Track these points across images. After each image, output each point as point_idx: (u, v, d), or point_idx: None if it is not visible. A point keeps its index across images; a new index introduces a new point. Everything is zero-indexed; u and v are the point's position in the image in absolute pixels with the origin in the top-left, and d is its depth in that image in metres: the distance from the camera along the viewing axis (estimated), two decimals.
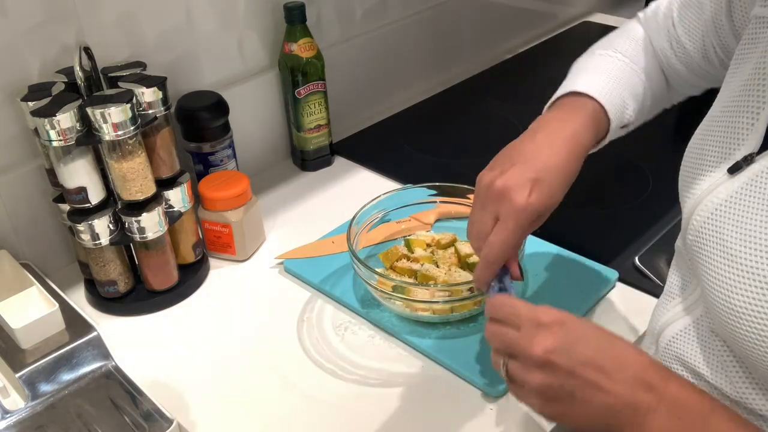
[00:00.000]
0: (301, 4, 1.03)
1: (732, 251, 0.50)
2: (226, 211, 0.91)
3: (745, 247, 0.49)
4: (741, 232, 0.50)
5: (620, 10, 1.80)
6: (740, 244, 0.49)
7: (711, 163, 0.55)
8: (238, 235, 0.92)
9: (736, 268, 0.49)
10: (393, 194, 0.92)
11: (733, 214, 0.51)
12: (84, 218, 0.80)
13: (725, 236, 0.51)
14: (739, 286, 0.49)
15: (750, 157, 0.52)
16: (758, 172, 0.50)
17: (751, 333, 0.48)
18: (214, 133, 0.98)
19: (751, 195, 0.50)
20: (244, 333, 0.83)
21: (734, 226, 0.50)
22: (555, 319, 0.51)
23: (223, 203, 0.91)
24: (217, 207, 0.91)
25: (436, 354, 0.77)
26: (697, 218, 0.55)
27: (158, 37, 0.95)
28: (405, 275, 0.85)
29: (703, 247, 0.54)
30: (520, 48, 1.58)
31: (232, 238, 0.92)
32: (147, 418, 0.71)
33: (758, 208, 0.49)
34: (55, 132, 0.74)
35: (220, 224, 0.92)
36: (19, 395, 0.74)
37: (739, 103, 0.54)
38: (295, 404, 0.74)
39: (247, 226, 0.93)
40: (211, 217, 0.92)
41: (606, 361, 0.49)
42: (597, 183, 0.85)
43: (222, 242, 0.93)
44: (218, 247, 0.94)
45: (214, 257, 0.95)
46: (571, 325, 0.51)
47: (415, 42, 1.34)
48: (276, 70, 1.10)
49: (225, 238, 0.93)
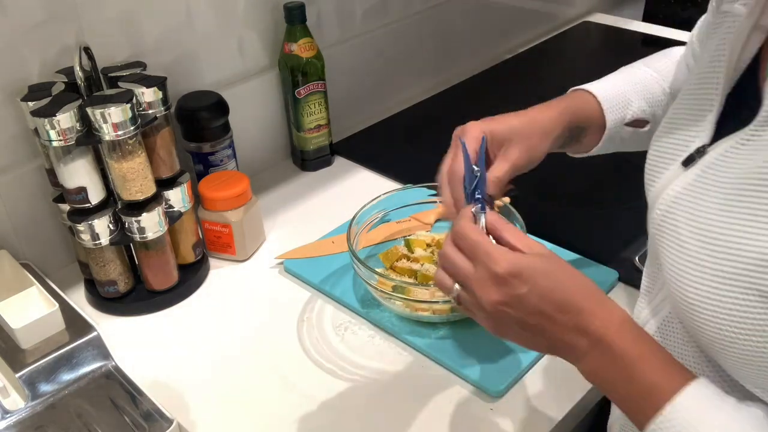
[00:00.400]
0: (301, 4, 1.03)
1: (685, 244, 0.51)
2: (226, 211, 0.91)
3: (696, 240, 0.50)
4: (692, 225, 0.51)
5: (620, 10, 1.80)
6: (692, 237, 0.50)
7: (669, 156, 0.57)
8: (238, 235, 0.92)
9: (688, 261, 0.50)
10: (393, 194, 0.92)
11: (686, 207, 0.52)
12: (84, 218, 0.80)
13: (679, 229, 0.52)
14: (691, 279, 0.50)
15: (702, 149, 0.53)
16: (709, 163, 0.52)
17: (706, 325, 0.49)
18: (214, 133, 0.98)
19: (701, 187, 0.51)
20: (244, 333, 0.83)
21: (687, 219, 0.52)
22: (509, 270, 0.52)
23: (223, 203, 0.91)
24: (217, 207, 0.91)
25: (436, 354, 0.77)
26: (656, 212, 0.56)
27: (158, 37, 0.95)
28: (405, 275, 0.85)
29: (662, 240, 0.55)
30: (520, 48, 1.58)
31: (232, 238, 0.92)
32: (147, 418, 0.71)
33: (708, 199, 0.50)
34: (55, 132, 0.74)
35: (220, 224, 0.92)
36: (19, 395, 0.74)
37: (695, 97, 0.56)
38: (295, 404, 0.74)
39: (247, 226, 0.93)
40: (211, 217, 0.92)
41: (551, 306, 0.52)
42: (597, 183, 0.85)
43: (222, 242, 0.93)
44: (218, 247, 0.94)
45: (214, 257, 0.95)
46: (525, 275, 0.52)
47: (415, 42, 1.34)
48: (276, 70, 1.10)
49: (225, 238, 0.93)
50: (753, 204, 0.46)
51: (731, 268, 0.46)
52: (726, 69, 0.52)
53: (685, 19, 1.81)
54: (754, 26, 0.51)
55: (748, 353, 0.47)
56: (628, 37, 1.59)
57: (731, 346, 0.48)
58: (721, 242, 0.48)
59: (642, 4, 1.87)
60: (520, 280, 0.51)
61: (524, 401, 0.73)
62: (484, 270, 0.53)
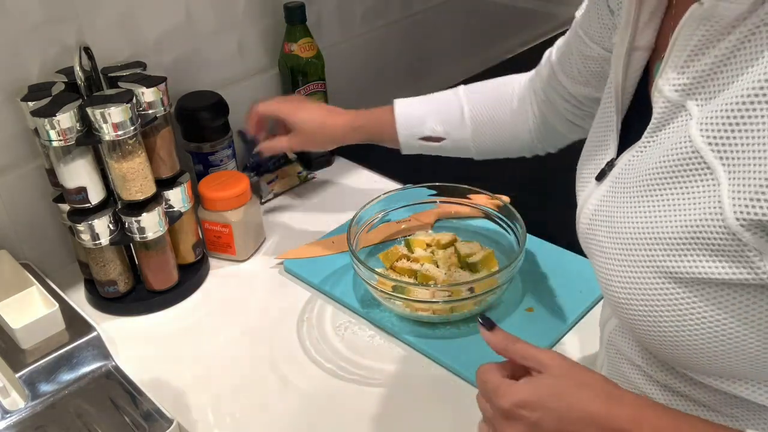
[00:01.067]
0: (301, 4, 1.03)
1: (606, 250, 0.54)
2: (226, 211, 0.91)
3: (614, 243, 0.53)
4: (610, 231, 0.54)
5: None
6: (610, 241, 0.54)
7: (587, 174, 0.62)
8: (238, 235, 0.92)
9: (612, 264, 0.53)
10: (393, 194, 0.92)
11: (603, 217, 0.56)
12: (84, 218, 0.80)
13: (600, 238, 0.56)
14: (617, 279, 0.53)
15: (611, 162, 0.58)
16: (617, 174, 0.56)
17: (637, 321, 0.52)
18: (214, 133, 0.98)
19: (613, 196, 0.55)
20: (243, 333, 0.83)
21: (606, 227, 0.55)
22: (514, 402, 0.51)
23: (223, 203, 0.91)
24: (217, 207, 0.91)
25: (436, 354, 0.77)
26: (581, 226, 0.60)
27: (158, 37, 0.95)
28: (405, 275, 0.85)
29: (589, 251, 0.59)
30: (520, 48, 1.58)
31: (232, 238, 0.92)
32: (147, 418, 0.71)
33: (618, 205, 0.54)
34: (55, 132, 0.74)
35: (220, 224, 0.91)
36: (19, 395, 0.74)
37: (600, 121, 0.61)
38: (295, 404, 0.74)
39: (247, 226, 0.93)
40: (211, 217, 0.92)
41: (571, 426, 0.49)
42: None
43: (222, 242, 0.93)
44: (218, 247, 0.94)
45: (214, 257, 0.95)
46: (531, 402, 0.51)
47: (415, 42, 1.34)
48: (276, 70, 1.10)
49: (225, 238, 0.93)
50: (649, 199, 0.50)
51: (637, 256, 0.51)
52: (615, 92, 0.58)
53: None
54: (630, 48, 0.56)
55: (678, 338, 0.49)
56: None
57: (663, 336, 0.50)
58: (629, 236, 0.52)
59: None
60: (530, 409, 0.50)
61: None
62: (495, 408, 0.52)
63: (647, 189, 0.51)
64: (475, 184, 0.90)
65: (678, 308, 0.48)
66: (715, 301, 0.47)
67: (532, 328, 0.80)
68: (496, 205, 0.90)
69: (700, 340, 0.48)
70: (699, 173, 0.46)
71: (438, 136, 0.87)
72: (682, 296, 0.48)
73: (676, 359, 0.52)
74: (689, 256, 0.47)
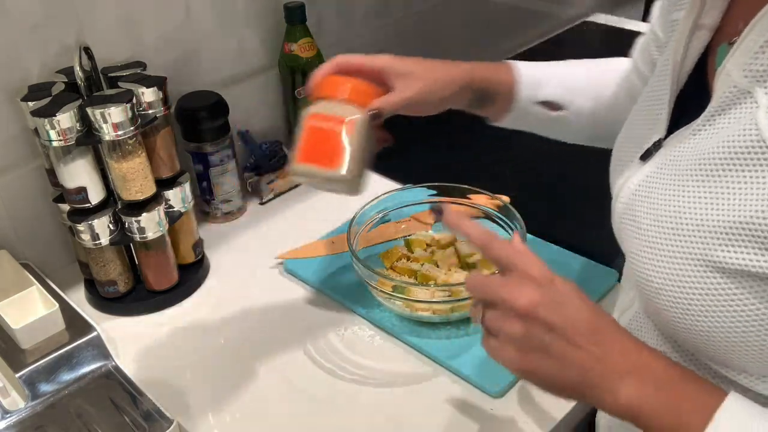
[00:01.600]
0: (301, 4, 1.03)
1: (646, 233, 0.53)
2: (349, 105, 0.68)
3: (655, 227, 0.52)
4: (652, 214, 0.53)
5: (620, 10, 1.80)
6: (651, 225, 0.53)
7: (629, 153, 0.60)
8: (355, 141, 0.68)
9: (650, 248, 0.52)
10: (393, 194, 0.92)
11: (645, 198, 0.55)
12: (84, 218, 0.80)
13: (639, 219, 0.54)
14: (654, 263, 0.52)
15: (658, 142, 0.56)
16: (664, 155, 0.55)
17: (671, 307, 0.51)
18: (214, 133, 0.98)
19: (659, 177, 0.54)
20: (244, 333, 0.83)
21: (646, 209, 0.54)
22: (546, 275, 0.52)
23: (352, 92, 0.69)
24: (338, 95, 0.69)
25: (436, 354, 0.77)
26: (619, 205, 0.59)
27: (158, 37, 0.95)
28: (405, 275, 0.85)
29: (624, 233, 0.57)
30: (520, 48, 1.58)
31: (344, 143, 0.67)
32: (147, 418, 0.71)
33: (665, 188, 0.53)
34: (55, 132, 0.74)
35: (335, 118, 0.68)
36: (19, 395, 0.74)
37: (649, 98, 0.59)
38: (295, 404, 0.74)
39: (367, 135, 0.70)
40: (324, 109, 0.68)
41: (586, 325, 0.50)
42: (597, 183, 0.85)
43: (326, 147, 0.68)
44: (316, 155, 0.68)
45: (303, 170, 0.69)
46: (560, 285, 0.52)
47: (415, 42, 1.34)
48: (276, 70, 1.10)
49: (333, 141, 0.67)
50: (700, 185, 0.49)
51: (680, 241, 0.50)
52: (672, 69, 0.56)
53: None
54: (695, 26, 0.55)
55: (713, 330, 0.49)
56: (628, 37, 1.58)
57: (696, 325, 0.50)
58: (674, 219, 0.50)
59: (642, 4, 1.87)
60: (556, 288, 0.51)
61: (524, 401, 0.73)
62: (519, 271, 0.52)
63: (701, 174, 0.49)
64: (475, 184, 0.90)
65: (717, 299, 0.47)
66: (758, 295, 0.46)
67: None
68: (496, 205, 0.90)
69: (736, 332, 0.48)
70: (763, 163, 0.45)
71: (558, 102, 0.77)
72: (724, 287, 0.47)
73: (703, 349, 0.52)
74: (739, 247, 0.46)
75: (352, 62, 0.72)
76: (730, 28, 0.53)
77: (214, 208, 1.02)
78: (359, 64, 0.72)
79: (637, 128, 0.60)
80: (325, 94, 0.70)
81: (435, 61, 0.75)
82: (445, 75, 0.74)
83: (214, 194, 1.01)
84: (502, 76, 0.77)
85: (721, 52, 0.51)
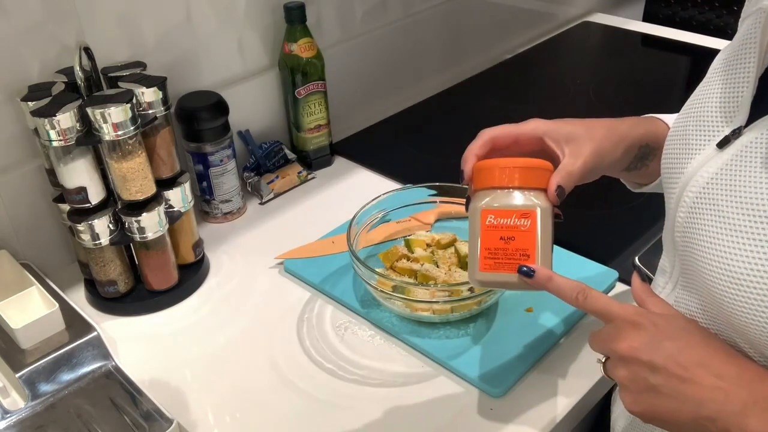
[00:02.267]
0: (301, 4, 1.03)
1: (729, 219, 0.51)
2: (531, 191, 0.59)
3: (741, 214, 0.51)
4: (736, 200, 0.51)
5: (620, 10, 1.80)
6: (737, 212, 0.51)
7: (698, 142, 0.58)
8: (544, 232, 0.59)
9: (734, 236, 0.51)
10: (393, 194, 0.92)
11: (726, 184, 0.53)
12: (84, 218, 0.80)
13: (720, 206, 0.53)
14: (739, 253, 0.50)
15: (738, 130, 0.54)
16: (747, 143, 0.53)
17: (752, 300, 0.49)
18: (214, 133, 0.98)
19: (743, 164, 0.52)
20: (244, 333, 0.83)
21: (729, 195, 0.52)
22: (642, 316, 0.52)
23: (523, 176, 0.59)
24: (507, 182, 0.59)
25: (436, 354, 0.77)
26: (689, 194, 0.57)
27: (158, 37, 0.95)
28: (405, 275, 0.85)
29: (697, 221, 0.55)
30: (520, 48, 1.58)
31: (535, 237, 0.58)
32: (147, 418, 0.71)
33: (751, 175, 0.51)
34: (55, 132, 0.74)
35: (517, 213, 0.58)
36: (19, 395, 0.74)
37: (724, 81, 0.57)
38: (295, 404, 0.74)
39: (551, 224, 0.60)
40: (498, 202, 0.59)
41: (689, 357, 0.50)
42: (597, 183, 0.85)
43: (514, 249, 0.59)
44: (504, 261, 0.59)
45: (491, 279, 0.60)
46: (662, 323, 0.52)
47: (415, 42, 1.34)
48: (276, 70, 1.10)
49: (521, 240, 0.58)
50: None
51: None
52: (759, 52, 0.53)
53: (685, 19, 1.81)
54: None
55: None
56: (628, 37, 1.60)
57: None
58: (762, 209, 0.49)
59: (642, 4, 1.87)
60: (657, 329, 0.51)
61: (524, 401, 0.73)
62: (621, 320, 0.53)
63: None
64: None
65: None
66: None
67: (532, 328, 0.80)
68: None
69: None
70: None
71: None
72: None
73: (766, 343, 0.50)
74: None
75: (505, 135, 0.66)
76: None
77: (214, 208, 1.02)
78: (514, 136, 0.66)
79: (706, 114, 0.57)
80: (489, 184, 0.60)
81: (591, 121, 0.68)
82: (610, 133, 0.67)
83: (214, 194, 1.01)
84: (659, 130, 0.70)
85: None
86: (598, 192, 1.05)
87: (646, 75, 1.42)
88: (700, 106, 0.59)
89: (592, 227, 0.99)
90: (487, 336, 0.79)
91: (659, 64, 1.48)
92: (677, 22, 1.80)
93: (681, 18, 1.81)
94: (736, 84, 0.56)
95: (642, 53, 1.57)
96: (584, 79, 1.42)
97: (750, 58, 0.55)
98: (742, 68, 0.55)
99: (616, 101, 1.34)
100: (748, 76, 0.55)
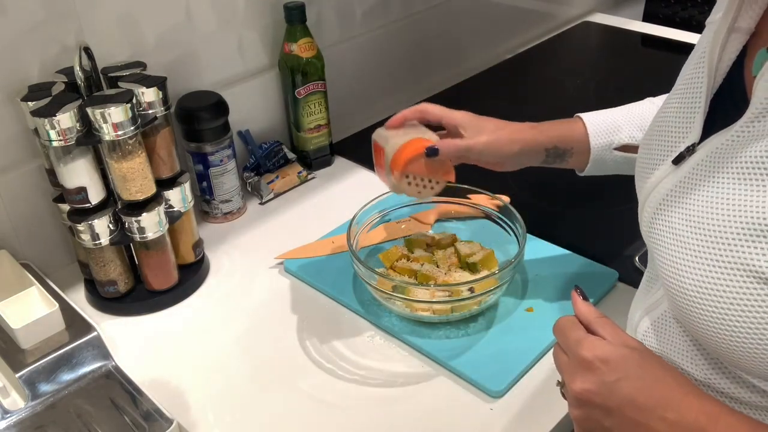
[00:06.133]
0: (301, 4, 1.03)
1: (681, 236, 0.53)
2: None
3: (691, 231, 0.52)
4: (687, 218, 0.53)
5: (620, 10, 1.80)
6: (687, 229, 0.52)
7: (658, 156, 0.59)
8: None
9: (685, 252, 0.52)
10: (393, 194, 0.92)
11: (679, 201, 0.54)
12: (84, 218, 0.80)
13: (674, 223, 0.54)
14: (689, 269, 0.51)
15: (692, 147, 0.55)
16: (699, 160, 0.54)
17: (703, 314, 0.50)
18: (214, 133, 0.98)
19: (694, 182, 0.53)
20: (243, 333, 0.83)
21: (681, 213, 0.53)
22: (598, 355, 0.51)
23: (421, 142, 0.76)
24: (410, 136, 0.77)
25: (436, 354, 0.77)
26: (648, 209, 0.58)
27: (158, 37, 0.95)
28: (405, 275, 0.85)
29: (655, 235, 0.57)
30: (520, 48, 1.58)
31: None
32: (147, 418, 0.71)
33: (701, 193, 0.52)
34: (55, 132, 0.74)
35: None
36: (19, 395, 0.74)
37: (681, 100, 0.58)
38: (295, 404, 0.74)
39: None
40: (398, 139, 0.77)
41: (648, 400, 0.50)
42: (597, 183, 0.85)
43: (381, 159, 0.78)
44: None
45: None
46: (615, 359, 0.51)
47: (415, 42, 1.34)
48: (276, 70, 1.10)
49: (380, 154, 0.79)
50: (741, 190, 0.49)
51: (720, 248, 0.49)
52: (708, 71, 0.55)
53: (685, 18, 1.81)
54: (730, 28, 0.54)
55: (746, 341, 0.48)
56: (628, 37, 1.60)
57: (730, 335, 0.49)
58: (713, 226, 0.50)
59: (642, 4, 1.87)
60: (610, 368, 0.51)
61: (524, 401, 0.73)
62: (574, 356, 0.53)
63: (741, 179, 0.49)
64: (475, 184, 0.90)
65: (758, 309, 0.47)
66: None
67: (532, 328, 0.80)
68: (496, 205, 0.90)
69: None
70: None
71: (636, 144, 0.78)
72: (762, 294, 0.46)
73: (736, 361, 0.50)
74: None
75: (434, 113, 0.79)
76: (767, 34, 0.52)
77: (214, 208, 1.02)
78: (439, 116, 0.79)
79: (665, 131, 0.59)
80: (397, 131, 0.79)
81: (508, 123, 0.79)
82: (510, 134, 0.78)
83: (214, 194, 1.01)
84: (575, 132, 0.79)
85: (760, 57, 0.50)
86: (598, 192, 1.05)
87: (646, 75, 1.42)
88: (662, 120, 0.61)
89: (592, 227, 0.99)
90: (487, 336, 0.79)
91: (659, 64, 1.48)
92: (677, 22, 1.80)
93: (681, 18, 1.81)
94: (691, 100, 0.57)
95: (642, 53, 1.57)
96: (584, 79, 1.42)
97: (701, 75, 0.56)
98: (695, 84, 0.57)
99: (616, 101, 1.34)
100: (700, 94, 0.56)
